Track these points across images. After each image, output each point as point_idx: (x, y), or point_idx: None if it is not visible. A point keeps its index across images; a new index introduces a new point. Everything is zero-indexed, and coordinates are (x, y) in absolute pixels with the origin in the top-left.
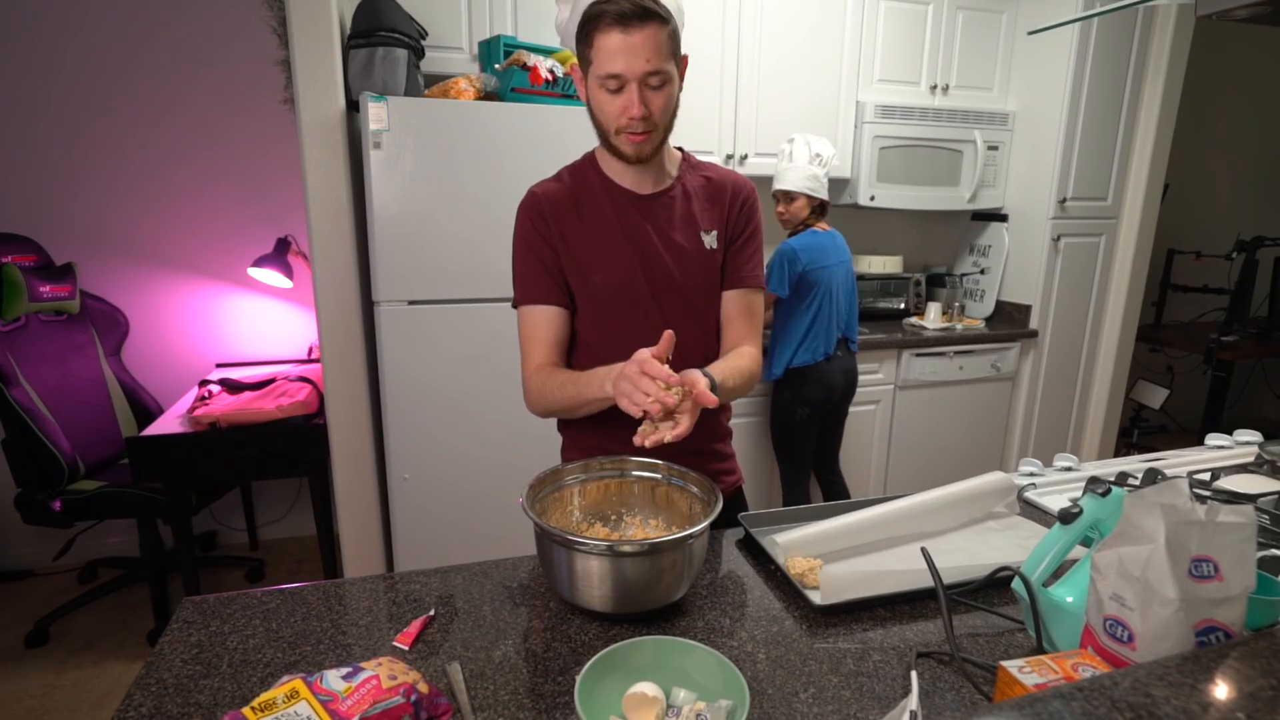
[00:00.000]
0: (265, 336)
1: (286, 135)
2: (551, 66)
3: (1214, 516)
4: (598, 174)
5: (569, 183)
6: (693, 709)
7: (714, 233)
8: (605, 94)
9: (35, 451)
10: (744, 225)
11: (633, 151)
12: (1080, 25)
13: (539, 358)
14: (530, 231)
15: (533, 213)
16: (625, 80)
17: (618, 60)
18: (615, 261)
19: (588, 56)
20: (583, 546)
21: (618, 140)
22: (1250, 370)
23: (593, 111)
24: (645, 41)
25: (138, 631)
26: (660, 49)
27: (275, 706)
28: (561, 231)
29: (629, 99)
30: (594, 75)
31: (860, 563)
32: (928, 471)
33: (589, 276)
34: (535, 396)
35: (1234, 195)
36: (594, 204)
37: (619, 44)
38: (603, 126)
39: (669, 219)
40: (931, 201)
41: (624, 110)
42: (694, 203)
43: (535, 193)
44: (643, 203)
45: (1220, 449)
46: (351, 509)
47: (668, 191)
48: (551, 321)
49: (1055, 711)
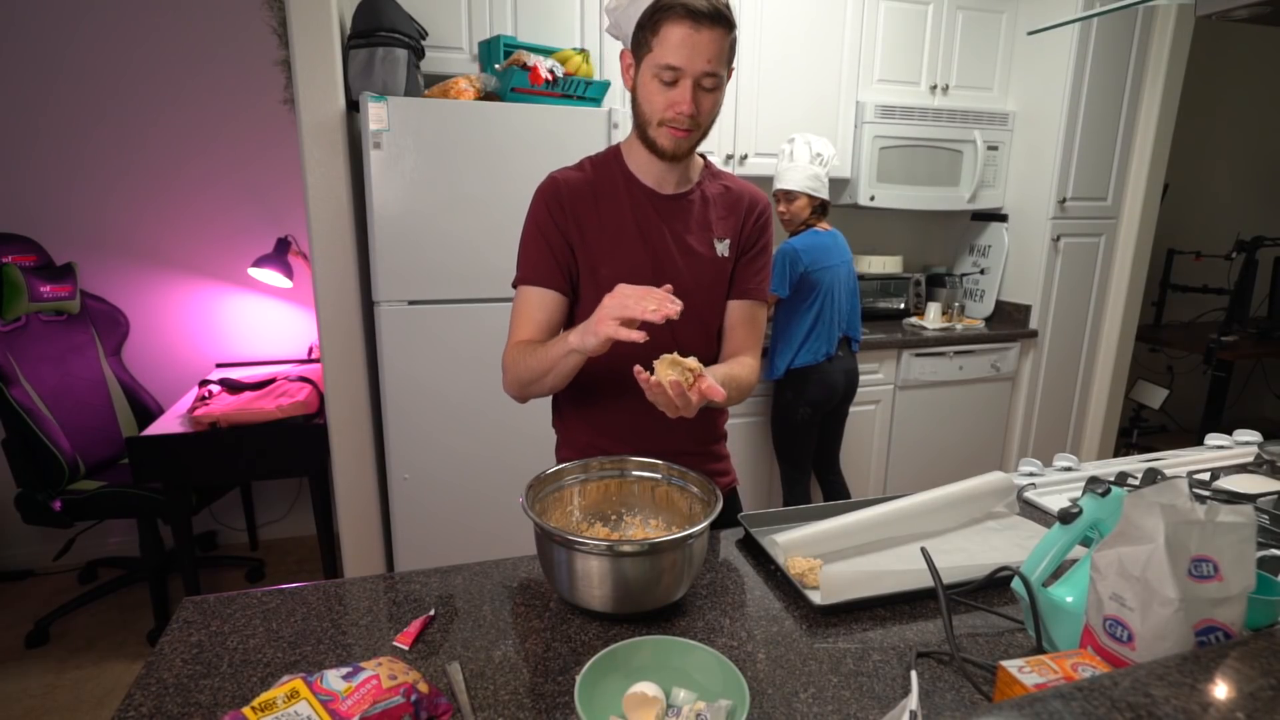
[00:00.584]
0: (265, 336)
1: (286, 135)
2: (551, 66)
3: (1214, 516)
4: (621, 168)
5: (590, 173)
6: (693, 709)
7: (727, 241)
8: (658, 84)
9: (35, 451)
10: (757, 238)
11: (671, 146)
12: (1080, 25)
13: (521, 335)
14: (544, 215)
15: (550, 197)
16: (682, 75)
17: (681, 53)
18: (626, 256)
19: (648, 43)
20: (583, 546)
21: (657, 132)
22: (1250, 370)
23: (638, 99)
24: (711, 42)
25: (138, 631)
26: (721, 53)
27: (275, 706)
28: (577, 220)
29: (682, 94)
30: (651, 63)
31: (860, 563)
32: (928, 471)
33: (597, 268)
34: (510, 373)
35: (1234, 195)
36: (612, 197)
37: (686, 38)
38: (645, 115)
39: (685, 222)
40: (931, 201)
41: (674, 104)
42: (711, 209)
43: (556, 178)
44: (661, 202)
45: (1220, 449)
46: (351, 509)
47: (687, 195)
48: (546, 304)
49: (1055, 711)
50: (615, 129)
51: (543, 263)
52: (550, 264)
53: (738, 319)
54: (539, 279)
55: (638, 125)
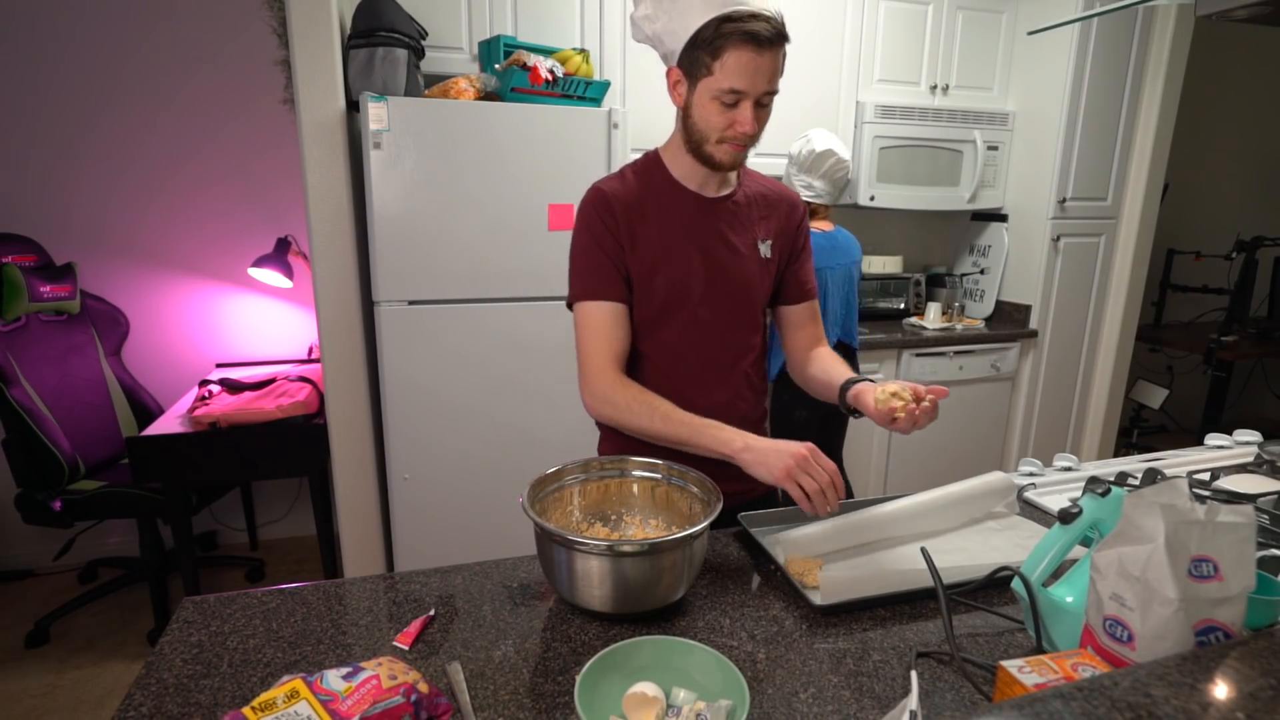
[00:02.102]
0: (265, 336)
1: (286, 135)
2: (551, 66)
3: (1214, 516)
4: (663, 174)
5: (634, 182)
6: (693, 709)
7: (768, 242)
8: (718, 105)
9: (35, 451)
10: (802, 242)
11: (730, 161)
12: (1080, 25)
13: (606, 359)
14: (599, 227)
15: (602, 209)
16: (744, 97)
17: (744, 78)
18: (679, 261)
19: (707, 66)
20: (583, 546)
21: (715, 148)
22: (1250, 370)
23: (692, 117)
24: (771, 63)
25: (138, 631)
26: (779, 69)
27: (275, 706)
28: (629, 228)
29: (744, 114)
30: (711, 86)
31: (860, 563)
32: (928, 471)
33: (652, 276)
34: (619, 414)
35: (1234, 195)
36: (660, 204)
37: (749, 63)
38: (702, 133)
39: (730, 223)
40: (931, 201)
41: (736, 124)
42: (753, 210)
43: (603, 190)
44: (707, 205)
45: (1220, 449)
46: (351, 509)
47: (730, 197)
48: (618, 319)
49: (1055, 711)
50: (615, 129)
51: (604, 275)
52: (612, 275)
53: (803, 318)
54: (602, 293)
55: (690, 141)
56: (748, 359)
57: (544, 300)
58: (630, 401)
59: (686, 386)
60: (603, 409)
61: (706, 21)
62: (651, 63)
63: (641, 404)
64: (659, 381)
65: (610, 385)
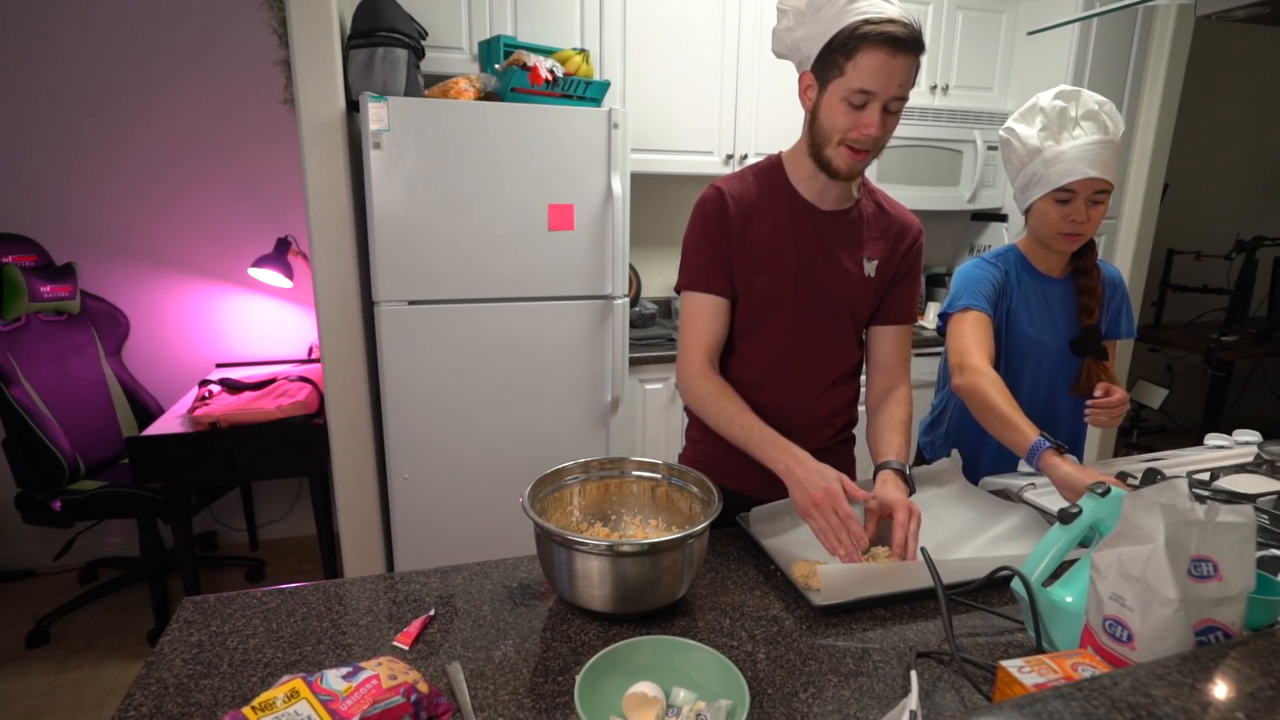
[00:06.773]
0: (265, 336)
1: (286, 135)
2: (551, 66)
3: (1213, 516)
4: (782, 179)
5: (753, 184)
6: (693, 709)
7: (875, 262)
8: (846, 106)
9: (35, 451)
10: (912, 264)
11: (846, 168)
12: (1080, 25)
13: (699, 349)
14: (713, 223)
15: (718, 206)
16: (873, 98)
17: (876, 79)
18: (781, 266)
19: (840, 67)
20: (583, 546)
21: (835, 151)
22: (1250, 370)
23: (818, 118)
24: (905, 68)
25: (138, 631)
26: (912, 78)
27: (275, 706)
28: (740, 229)
29: (870, 116)
30: (842, 86)
31: (860, 563)
32: None
33: (754, 277)
34: (699, 403)
35: (1234, 195)
36: (773, 209)
37: (883, 64)
38: (824, 134)
39: (839, 238)
40: (931, 201)
41: (860, 126)
42: (865, 229)
43: (720, 187)
44: (820, 217)
45: (1220, 449)
46: (351, 509)
47: (846, 212)
48: (718, 312)
49: (1055, 711)
50: (615, 129)
51: (710, 269)
52: (717, 270)
53: (891, 346)
54: (707, 285)
55: (812, 143)
56: (838, 371)
57: (544, 300)
58: (710, 393)
59: (773, 387)
60: (688, 395)
61: (846, 25)
62: (651, 63)
63: (718, 398)
64: (748, 378)
65: (697, 374)
